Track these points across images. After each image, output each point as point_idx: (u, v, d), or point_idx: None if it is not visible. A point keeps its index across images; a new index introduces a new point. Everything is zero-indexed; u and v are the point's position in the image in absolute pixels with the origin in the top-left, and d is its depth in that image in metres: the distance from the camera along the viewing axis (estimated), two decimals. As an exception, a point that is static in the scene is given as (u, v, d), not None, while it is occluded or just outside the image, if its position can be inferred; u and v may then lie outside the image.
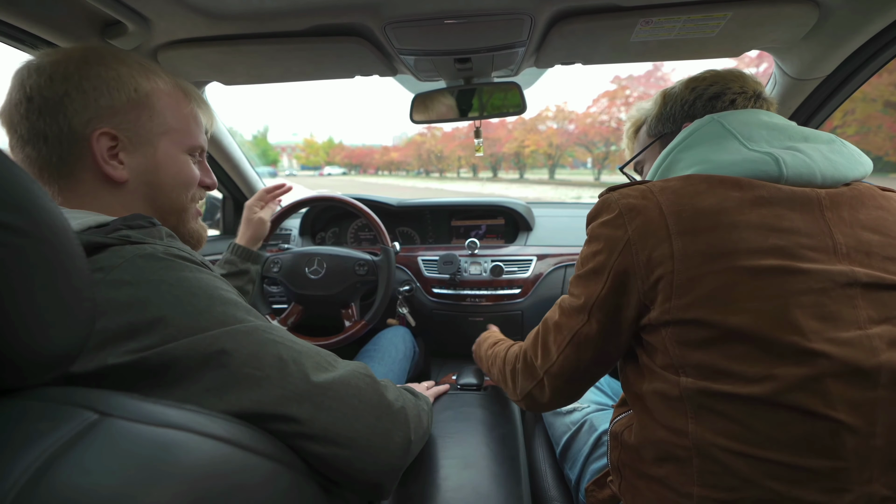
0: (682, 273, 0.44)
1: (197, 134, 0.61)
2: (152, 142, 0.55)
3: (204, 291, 0.43)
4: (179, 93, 0.59)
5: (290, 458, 0.42)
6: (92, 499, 0.26)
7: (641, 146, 0.70)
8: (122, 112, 0.52)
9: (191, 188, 0.61)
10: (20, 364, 0.29)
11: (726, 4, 0.69)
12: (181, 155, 0.59)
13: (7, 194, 0.28)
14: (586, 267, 0.52)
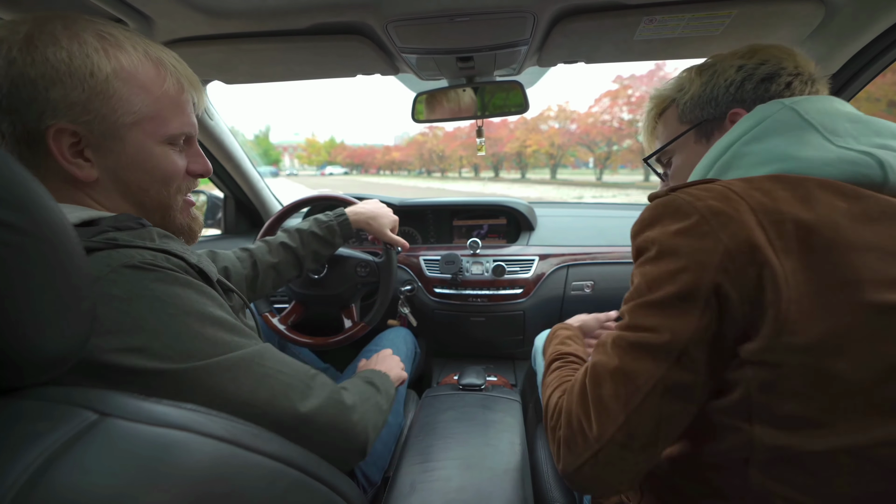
0: (794, 304, 0.35)
1: (175, 118, 0.51)
2: (119, 135, 0.47)
3: (196, 311, 0.44)
4: (150, 68, 0.48)
5: (292, 458, 0.42)
6: (91, 499, 0.26)
7: (672, 133, 0.59)
8: (78, 103, 0.44)
9: (172, 182, 0.53)
10: (20, 363, 0.29)
11: (731, 3, 0.69)
12: (157, 147, 0.50)
13: (7, 192, 0.28)
14: (663, 291, 0.40)
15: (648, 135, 0.65)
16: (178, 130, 0.51)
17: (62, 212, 0.32)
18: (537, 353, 1.06)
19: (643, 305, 0.41)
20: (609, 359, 0.43)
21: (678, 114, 0.58)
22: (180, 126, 0.52)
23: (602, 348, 0.45)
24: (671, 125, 0.59)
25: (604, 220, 1.52)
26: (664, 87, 0.61)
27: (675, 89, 0.59)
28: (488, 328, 1.42)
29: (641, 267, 0.43)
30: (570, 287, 1.40)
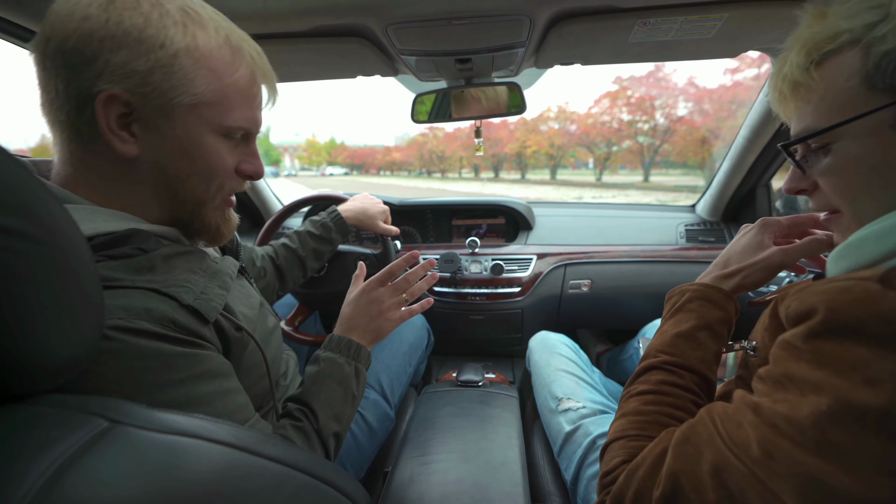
0: None
1: (238, 110, 0.48)
2: (172, 115, 0.44)
3: (176, 403, 0.41)
4: (227, 52, 0.46)
5: (298, 462, 0.42)
6: (105, 503, 0.26)
7: (848, 104, 0.35)
8: (139, 72, 0.41)
9: (215, 178, 0.50)
10: (30, 370, 0.30)
11: (722, 6, 0.70)
12: (209, 136, 0.47)
13: (14, 198, 0.28)
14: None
15: (788, 93, 0.41)
16: (237, 123, 0.48)
17: (71, 217, 0.32)
18: (532, 353, 1.07)
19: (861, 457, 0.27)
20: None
21: (865, 69, 0.34)
22: (242, 119, 0.49)
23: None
24: (845, 87, 0.35)
25: (601, 220, 1.54)
26: (841, 12, 0.36)
27: (861, 22, 0.34)
28: (487, 326, 1.44)
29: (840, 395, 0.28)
30: (567, 286, 1.41)
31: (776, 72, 0.42)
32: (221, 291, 0.51)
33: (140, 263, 0.44)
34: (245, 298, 0.59)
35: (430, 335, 1.20)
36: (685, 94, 40.24)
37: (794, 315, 0.34)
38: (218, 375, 0.47)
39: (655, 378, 0.47)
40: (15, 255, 0.27)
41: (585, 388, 0.86)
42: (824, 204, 0.43)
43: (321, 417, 0.58)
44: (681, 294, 0.53)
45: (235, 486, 0.33)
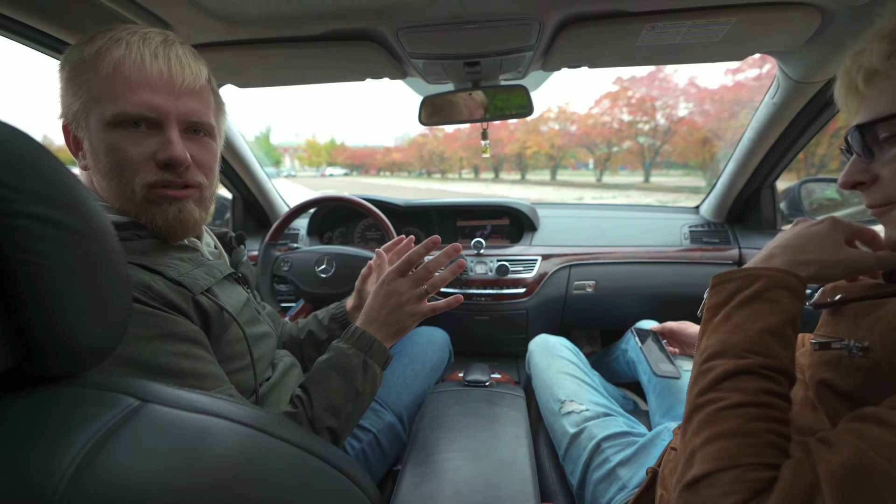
0: None
1: (125, 96, 0.48)
2: (83, 123, 0.50)
3: (144, 356, 0.44)
4: (108, 49, 0.48)
5: (314, 447, 0.44)
6: (140, 475, 0.28)
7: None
8: (64, 99, 0.50)
9: (123, 171, 0.50)
10: (63, 353, 0.31)
11: (730, 10, 0.71)
12: (105, 131, 0.48)
13: (57, 193, 0.30)
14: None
15: (862, 82, 0.42)
16: (125, 109, 0.48)
17: (103, 212, 0.34)
18: (532, 356, 1.08)
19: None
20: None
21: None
22: (131, 105, 0.48)
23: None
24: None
25: (605, 221, 1.55)
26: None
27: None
28: (492, 327, 1.45)
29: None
30: (572, 287, 1.42)
31: (849, 66, 0.43)
32: (207, 277, 0.54)
33: (134, 246, 0.49)
34: (232, 296, 0.61)
35: (452, 355, 1.16)
36: (686, 94, 40.30)
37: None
38: (188, 340, 0.49)
39: (752, 386, 0.38)
40: (58, 245, 0.29)
41: (588, 390, 0.87)
42: (883, 197, 0.42)
43: (316, 406, 0.59)
44: (751, 279, 0.44)
45: (256, 464, 0.35)
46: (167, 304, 0.48)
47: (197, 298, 0.52)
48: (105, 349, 0.35)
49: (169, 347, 0.47)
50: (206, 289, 0.54)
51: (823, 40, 0.78)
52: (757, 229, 1.40)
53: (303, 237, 1.60)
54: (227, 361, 0.56)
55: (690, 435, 0.38)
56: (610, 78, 67.63)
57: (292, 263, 1.24)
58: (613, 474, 0.71)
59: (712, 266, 1.38)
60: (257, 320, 0.67)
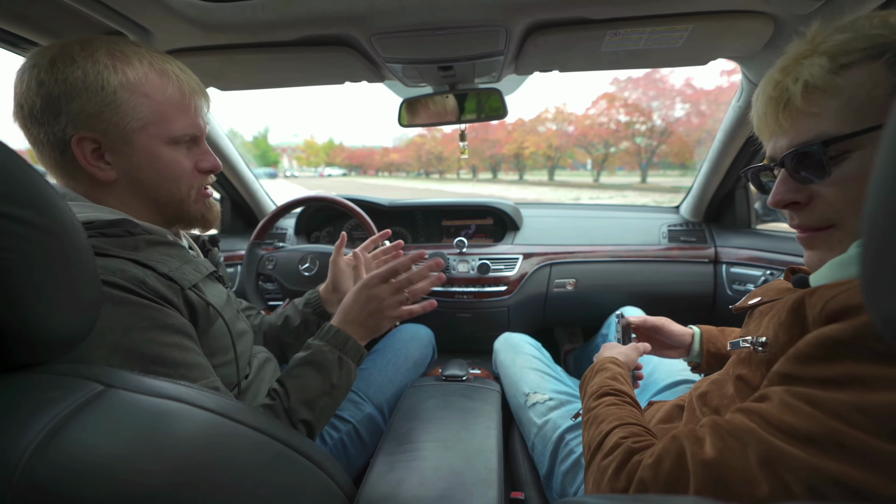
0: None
1: (178, 120, 0.57)
2: (129, 139, 0.54)
3: (113, 328, 0.46)
4: (155, 77, 0.54)
5: (276, 432, 0.46)
6: (98, 457, 0.30)
7: (875, 112, 0.36)
8: (94, 114, 0.51)
9: (181, 179, 0.59)
10: (34, 343, 0.34)
11: (686, 17, 0.74)
12: (163, 148, 0.56)
13: (24, 192, 0.32)
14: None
15: (800, 97, 0.40)
16: (181, 132, 0.57)
17: (71, 209, 0.36)
18: (497, 354, 1.11)
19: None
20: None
21: (892, 80, 0.36)
22: (184, 128, 0.57)
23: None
24: (873, 95, 0.36)
25: (587, 221, 1.58)
26: (868, 25, 0.38)
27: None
28: (474, 324, 1.48)
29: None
30: (553, 284, 1.45)
31: (783, 77, 0.42)
32: (195, 272, 0.58)
33: (126, 243, 0.52)
34: (216, 293, 0.64)
35: (435, 351, 1.19)
36: (682, 95, 40.39)
37: (839, 308, 0.34)
38: (179, 332, 0.52)
39: (616, 400, 0.58)
40: (23, 240, 0.32)
41: (549, 380, 0.90)
42: (819, 218, 0.42)
43: (293, 400, 0.62)
44: (596, 366, 0.69)
45: (216, 447, 0.37)
46: (160, 298, 0.51)
47: (186, 293, 0.55)
48: (74, 339, 0.37)
49: (163, 338, 0.50)
50: (194, 284, 0.57)
51: (779, 46, 0.82)
52: (732, 228, 1.43)
53: (290, 237, 1.63)
54: (212, 356, 0.58)
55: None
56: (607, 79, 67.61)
57: (277, 262, 1.26)
58: (579, 465, 0.74)
59: (689, 264, 1.42)
60: (237, 318, 0.70)
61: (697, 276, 1.41)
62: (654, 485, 0.39)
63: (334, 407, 0.68)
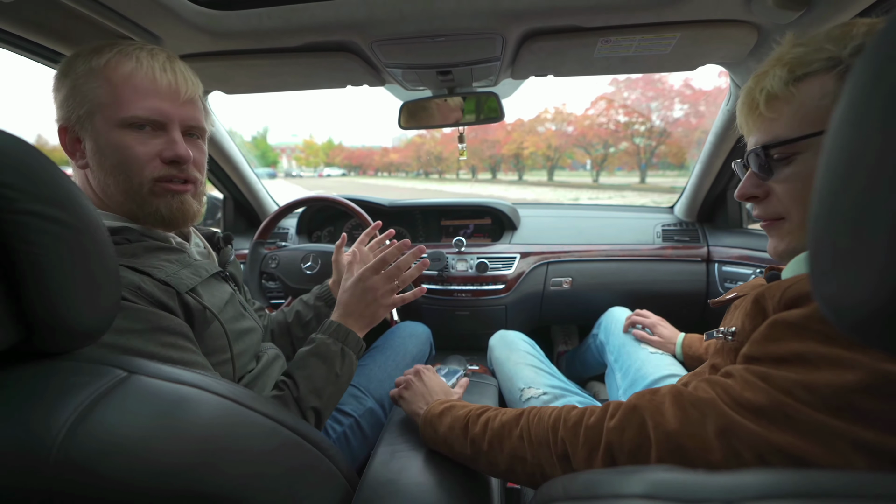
0: None
1: (135, 102, 0.55)
2: (85, 124, 0.55)
3: (140, 349, 0.49)
4: (115, 60, 0.55)
5: (285, 420, 0.49)
6: (124, 436, 0.33)
7: (819, 119, 0.41)
8: (64, 103, 0.55)
9: (130, 167, 0.56)
10: (60, 332, 0.36)
11: (674, 26, 0.78)
12: (114, 132, 0.55)
13: (54, 193, 0.35)
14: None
15: (763, 104, 0.45)
16: (135, 113, 0.55)
17: (95, 209, 0.39)
18: (492, 350, 1.14)
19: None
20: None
21: (839, 91, 0.38)
22: (140, 110, 0.55)
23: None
24: (819, 105, 0.41)
25: (583, 221, 1.61)
26: (825, 39, 0.42)
27: (848, 52, 0.40)
28: (472, 322, 1.51)
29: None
30: (549, 283, 1.49)
31: (753, 85, 0.47)
32: (193, 276, 0.60)
33: (125, 250, 0.54)
34: (216, 294, 0.66)
35: (433, 348, 1.23)
36: (681, 95, 40.48)
37: (794, 296, 0.38)
38: (175, 333, 0.54)
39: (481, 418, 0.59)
40: (55, 238, 0.34)
41: (544, 375, 0.93)
42: (772, 211, 0.48)
43: (301, 388, 0.65)
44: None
45: (229, 430, 0.40)
46: (155, 303, 0.54)
47: (182, 297, 0.57)
48: (96, 330, 0.40)
49: (159, 339, 0.52)
50: (191, 288, 0.59)
51: (761, 55, 0.85)
52: (724, 228, 1.47)
53: (292, 236, 1.66)
54: (210, 354, 0.61)
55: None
56: (606, 79, 67.52)
57: (279, 261, 1.29)
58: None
59: (683, 263, 1.45)
60: (242, 316, 0.72)
61: (690, 275, 1.44)
62: (620, 453, 0.42)
63: (338, 396, 0.72)
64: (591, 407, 0.49)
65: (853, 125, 0.20)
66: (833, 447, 0.32)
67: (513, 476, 0.54)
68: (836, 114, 0.21)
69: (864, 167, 0.19)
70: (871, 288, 0.19)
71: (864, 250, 0.19)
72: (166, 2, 0.70)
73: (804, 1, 0.67)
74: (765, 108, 0.45)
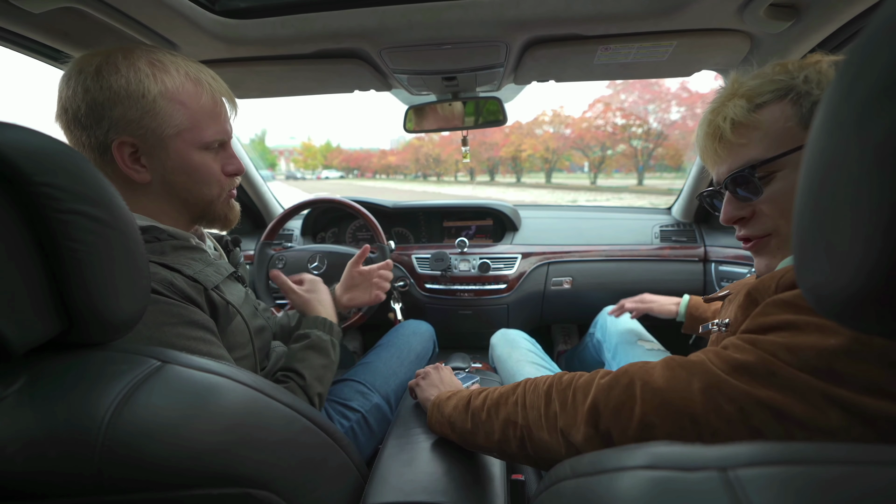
0: None
1: (210, 127, 0.60)
2: (165, 145, 0.57)
3: (171, 339, 0.52)
4: (190, 86, 0.58)
5: (303, 409, 0.51)
6: (163, 419, 0.36)
7: (789, 140, 0.46)
8: (134, 120, 0.55)
9: (211, 181, 0.63)
10: (98, 324, 0.39)
11: (671, 35, 0.81)
12: (195, 153, 0.60)
13: (96, 193, 0.38)
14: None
15: (729, 131, 0.49)
16: (211, 138, 0.61)
17: (129, 209, 0.42)
18: (494, 348, 1.17)
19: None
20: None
21: (799, 113, 0.45)
22: (214, 134, 0.61)
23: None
24: (786, 127, 0.46)
25: (582, 222, 1.65)
26: (773, 73, 0.48)
27: (801, 80, 0.45)
28: (475, 321, 1.54)
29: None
30: (550, 283, 1.52)
31: (713, 116, 0.51)
32: (216, 274, 0.64)
33: (154, 248, 0.58)
34: (235, 292, 0.70)
35: (436, 346, 1.27)
36: (678, 98, 40.68)
37: (789, 281, 0.41)
38: (203, 327, 0.58)
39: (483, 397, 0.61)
40: (94, 235, 0.37)
41: (545, 372, 0.96)
42: (760, 229, 0.50)
43: (307, 377, 0.71)
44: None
45: (256, 416, 0.43)
46: (186, 298, 0.57)
47: (209, 293, 0.61)
48: (129, 322, 0.42)
49: (190, 332, 0.55)
50: (216, 285, 0.63)
51: (756, 60, 0.89)
52: (721, 228, 1.50)
53: (297, 237, 1.68)
54: (232, 350, 0.64)
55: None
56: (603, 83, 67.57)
57: (286, 261, 1.32)
58: None
59: (680, 262, 1.49)
60: (255, 315, 0.76)
61: (688, 275, 1.48)
62: (604, 409, 0.44)
63: (331, 379, 0.80)
64: (583, 372, 0.51)
65: (827, 133, 0.23)
66: (810, 402, 0.35)
67: (505, 445, 0.56)
68: (813, 124, 0.25)
69: (837, 171, 0.22)
70: (846, 277, 0.22)
71: (839, 245, 0.22)
72: (186, 12, 0.73)
73: (794, 13, 0.71)
74: (732, 136, 0.49)
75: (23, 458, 0.32)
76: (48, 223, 0.35)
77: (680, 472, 0.26)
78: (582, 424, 0.45)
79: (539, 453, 0.51)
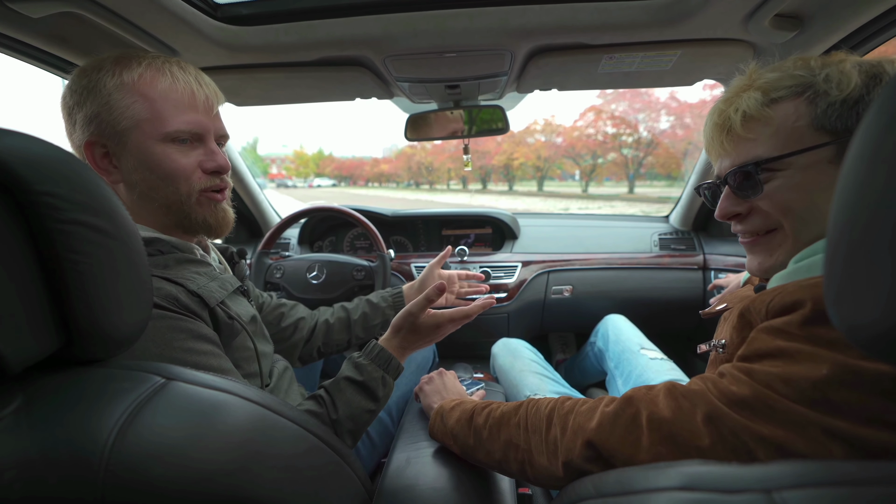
0: None
1: (175, 117, 0.55)
2: (123, 139, 0.54)
3: (181, 356, 0.51)
4: (150, 75, 0.54)
5: (310, 426, 0.50)
6: (168, 440, 0.34)
7: (797, 140, 0.44)
8: (94, 118, 0.53)
9: (176, 180, 0.57)
10: (100, 339, 0.37)
11: (675, 44, 0.82)
12: (156, 146, 0.55)
13: (100, 204, 0.36)
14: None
15: (739, 124, 0.47)
16: (177, 127, 0.56)
17: (132, 220, 0.41)
18: (495, 358, 1.16)
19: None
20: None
21: (813, 113, 0.43)
22: (181, 124, 0.56)
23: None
24: (796, 126, 0.44)
25: (581, 230, 1.64)
26: (793, 67, 0.45)
27: (821, 78, 0.43)
28: (475, 330, 1.52)
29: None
30: (550, 291, 1.51)
31: (725, 106, 0.48)
32: (221, 290, 0.61)
33: (157, 261, 0.55)
34: (241, 307, 0.67)
35: (436, 356, 1.25)
36: (667, 108, 41.41)
37: (778, 307, 0.40)
38: (210, 341, 0.56)
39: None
40: (99, 247, 0.35)
41: (548, 381, 0.95)
42: (761, 225, 0.49)
43: (341, 413, 0.66)
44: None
45: (263, 434, 0.41)
46: (191, 312, 0.55)
47: (213, 309, 0.59)
48: (131, 337, 0.41)
49: (199, 346, 0.54)
50: (221, 301, 0.61)
51: None
52: (719, 237, 1.51)
53: (294, 246, 1.66)
54: (236, 365, 0.62)
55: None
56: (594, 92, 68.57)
57: (284, 270, 1.30)
58: None
59: (679, 271, 1.49)
60: (263, 335, 0.73)
61: (687, 283, 1.48)
62: (609, 436, 0.43)
63: (372, 418, 0.73)
64: (585, 398, 0.50)
65: (868, 167, 0.22)
66: (811, 437, 0.34)
67: (506, 465, 0.55)
68: (849, 153, 0.24)
69: (873, 204, 0.22)
70: (880, 309, 0.21)
71: (873, 277, 0.22)
72: (188, 18, 0.72)
73: (798, 23, 0.72)
74: (741, 129, 0.47)
75: (21, 484, 0.30)
76: (49, 234, 0.33)
77: (721, 493, 0.25)
78: (583, 450, 0.44)
79: (539, 477, 0.51)
